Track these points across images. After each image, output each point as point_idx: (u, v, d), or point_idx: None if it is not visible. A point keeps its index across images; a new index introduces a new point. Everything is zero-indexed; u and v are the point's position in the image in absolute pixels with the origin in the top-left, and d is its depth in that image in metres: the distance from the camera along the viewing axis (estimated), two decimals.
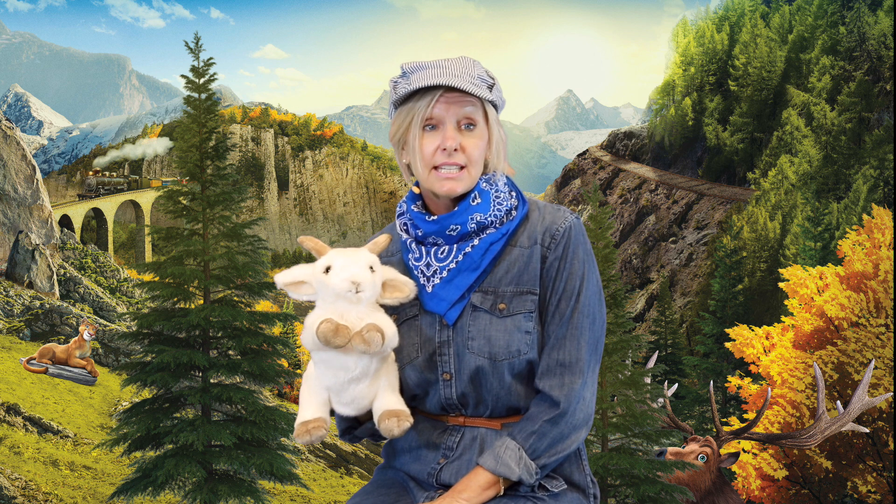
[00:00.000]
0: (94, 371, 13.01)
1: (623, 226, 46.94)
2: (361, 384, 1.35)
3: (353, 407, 1.37)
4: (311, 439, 1.34)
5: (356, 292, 1.30)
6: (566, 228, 1.39)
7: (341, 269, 1.31)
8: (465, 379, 1.37)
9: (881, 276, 7.77)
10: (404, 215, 1.44)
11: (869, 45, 40.05)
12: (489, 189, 1.40)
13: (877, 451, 7.26)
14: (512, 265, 1.39)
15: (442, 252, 1.39)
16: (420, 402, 1.43)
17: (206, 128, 6.68)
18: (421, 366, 1.40)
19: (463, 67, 1.36)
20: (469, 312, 1.38)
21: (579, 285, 1.38)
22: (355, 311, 1.32)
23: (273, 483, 7.10)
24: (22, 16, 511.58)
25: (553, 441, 1.33)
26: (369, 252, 1.36)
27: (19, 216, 25.02)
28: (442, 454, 1.40)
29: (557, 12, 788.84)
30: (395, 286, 1.38)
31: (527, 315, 1.36)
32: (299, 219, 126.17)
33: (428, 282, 1.40)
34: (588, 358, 1.37)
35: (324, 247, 1.35)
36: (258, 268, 6.56)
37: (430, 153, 1.36)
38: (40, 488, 7.16)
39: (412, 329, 1.41)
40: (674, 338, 24.72)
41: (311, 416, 1.35)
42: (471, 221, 1.38)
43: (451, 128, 1.35)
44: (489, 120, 1.39)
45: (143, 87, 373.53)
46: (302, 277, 1.35)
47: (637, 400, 5.47)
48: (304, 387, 1.40)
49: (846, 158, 35.32)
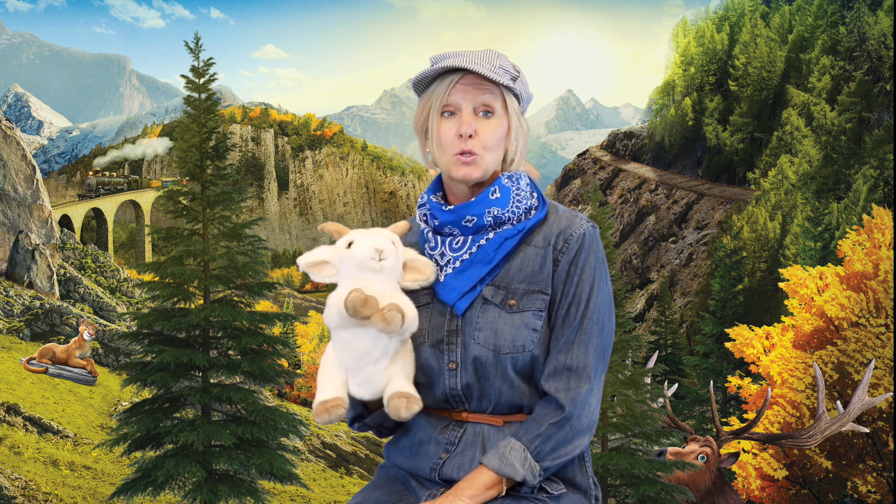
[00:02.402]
0: (94, 371, 13.01)
1: (623, 226, 46.94)
2: (379, 365, 1.35)
3: (367, 388, 1.38)
4: (331, 418, 1.35)
5: (380, 260, 1.32)
6: (580, 234, 1.40)
7: (364, 240, 1.33)
8: (470, 370, 1.38)
9: (881, 276, 7.77)
10: (424, 206, 1.46)
11: (869, 45, 40.06)
12: (510, 186, 1.41)
13: (877, 451, 7.26)
14: (525, 263, 1.39)
15: (457, 242, 1.41)
16: (425, 394, 1.42)
17: (206, 128, 6.68)
18: (427, 352, 1.41)
19: (486, 57, 1.38)
20: (479, 304, 1.39)
21: (590, 291, 1.38)
22: (379, 284, 1.33)
23: (273, 483, 7.10)
24: (22, 16, 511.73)
25: (557, 444, 1.34)
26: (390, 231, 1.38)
27: (19, 216, 25.02)
28: (444, 449, 1.40)
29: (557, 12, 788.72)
30: (415, 267, 1.39)
31: (536, 313, 1.37)
32: (299, 219, 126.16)
33: (441, 271, 1.41)
34: (595, 364, 1.37)
35: (345, 228, 1.38)
36: (258, 268, 6.56)
37: (448, 138, 1.38)
38: (40, 488, 7.16)
39: (422, 315, 1.42)
40: (674, 338, 24.72)
41: (329, 396, 1.36)
42: (487, 214, 1.39)
43: (467, 113, 1.37)
44: (509, 109, 1.39)
45: (143, 87, 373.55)
46: (324, 257, 1.37)
47: (637, 400, 5.47)
48: (323, 367, 1.41)
49: (846, 158, 35.33)
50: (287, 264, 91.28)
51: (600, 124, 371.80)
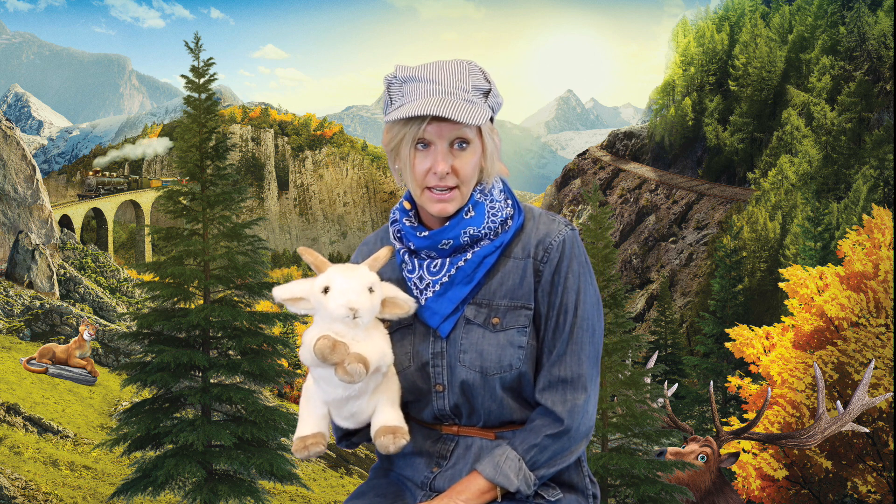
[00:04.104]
0: (94, 371, 13.00)
1: (623, 226, 46.93)
2: (360, 400, 1.35)
3: (352, 421, 1.39)
4: (309, 454, 1.35)
5: (353, 318, 1.29)
6: (560, 242, 1.37)
7: (339, 295, 1.29)
8: (458, 391, 1.37)
9: (881, 276, 7.77)
10: (397, 223, 1.43)
11: (869, 45, 40.05)
12: (483, 200, 1.38)
13: (877, 451, 7.26)
14: (506, 278, 1.37)
15: (435, 265, 1.37)
16: (414, 410, 1.42)
17: (206, 128, 6.68)
18: (413, 375, 1.39)
19: (457, 81, 1.31)
20: (462, 325, 1.37)
21: (576, 299, 1.36)
22: (351, 334, 1.31)
23: (273, 483, 7.10)
24: (22, 16, 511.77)
25: (554, 454, 1.34)
26: (369, 270, 1.34)
27: (19, 216, 25.02)
28: (435, 462, 1.40)
29: (557, 12, 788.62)
30: (395, 303, 1.37)
31: (520, 330, 1.35)
32: (299, 219, 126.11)
33: (421, 294, 1.38)
34: (590, 371, 1.36)
35: (323, 262, 1.34)
36: (258, 268, 6.55)
37: (422, 173, 1.33)
38: (40, 488, 7.16)
39: (405, 338, 1.41)
40: (674, 338, 24.72)
41: (309, 432, 1.36)
42: (464, 235, 1.36)
43: (442, 150, 1.31)
44: (482, 133, 1.35)
45: (143, 87, 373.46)
46: (300, 294, 1.34)
47: (637, 400, 5.47)
48: (304, 400, 1.40)
49: (846, 158, 35.32)
50: (287, 264, 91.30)
51: (600, 124, 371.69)
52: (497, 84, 1.39)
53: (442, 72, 1.32)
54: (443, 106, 1.28)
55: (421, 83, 1.32)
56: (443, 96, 1.30)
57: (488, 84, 1.36)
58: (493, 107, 1.36)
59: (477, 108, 1.31)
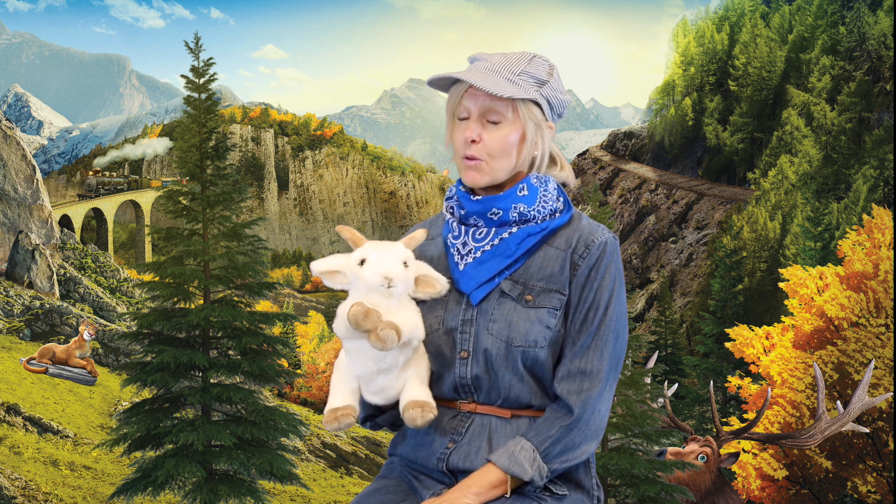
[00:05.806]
0: (94, 371, 13.01)
1: (623, 226, 46.93)
2: (390, 374, 1.38)
3: (381, 396, 1.40)
4: (340, 426, 1.37)
5: (388, 287, 1.33)
6: (602, 242, 1.41)
7: (375, 263, 1.34)
8: (481, 360, 1.39)
9: (881, 276, 7.77)
10: (452, 198, 1.48)
11: (869, 45, 40.04)
12: (538, 185, 1.44)
13: (877, 451, 7.26)
14: (546, 263, 1.41)
15: (480, 233, 1.43)
16: (435, 384, 1.44)
17: (206, 128, 6.68)
18: (440, 339, 1.42)
19: (510, 64, 1.39)
20: (496, 297, 1.40)
21: (608, 299, 1.39)
22: (385, 304, 1.34)
23: (273, 483, 7.10)
24: (22, 16, 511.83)
25: (565, 448, 1.35)
26: (404, 247, 1.38)
27: (19, 216, 25.02)
28: (451, 439, 1.41)
29: (557, 12, 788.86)
30: (427, 282, 1.41)
31: (551, 311, 1.38)
32: (299, 219, 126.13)
33: (461, 260, 1.43)
34: (608, 371, 1.38)
35: (360, 237, 1.38)
36: (258, 268, 6.56)
37: (458, 141, 1.42)
38: (40, 488, 7.16)
39: (438, 303, 1.44)
40: (674, 338, 24.71)
41: (340, 404, 1.39)
42: (513, 209, 1.41)
43: (473, 119, 1.39)
44: (520, 116, 1.39)
45: (143, 87, 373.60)
46: (337, 267, 1.39)
47: (637, 400, 5.47)
48: (335, 374, 1.43)
49: (846, 158, 35.31)
50: (287, 264, 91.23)
51: (600, 124, 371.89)
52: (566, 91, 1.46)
53: (502, 56, 1.42)
54: (473, 77, 1.35)
55: (479, 62, 1.41)
56: (485, 73, 1.37)
57: (547, 78, 1.41)
58: (549, 98, 1.42)
59: (511, 85, 1.37)
